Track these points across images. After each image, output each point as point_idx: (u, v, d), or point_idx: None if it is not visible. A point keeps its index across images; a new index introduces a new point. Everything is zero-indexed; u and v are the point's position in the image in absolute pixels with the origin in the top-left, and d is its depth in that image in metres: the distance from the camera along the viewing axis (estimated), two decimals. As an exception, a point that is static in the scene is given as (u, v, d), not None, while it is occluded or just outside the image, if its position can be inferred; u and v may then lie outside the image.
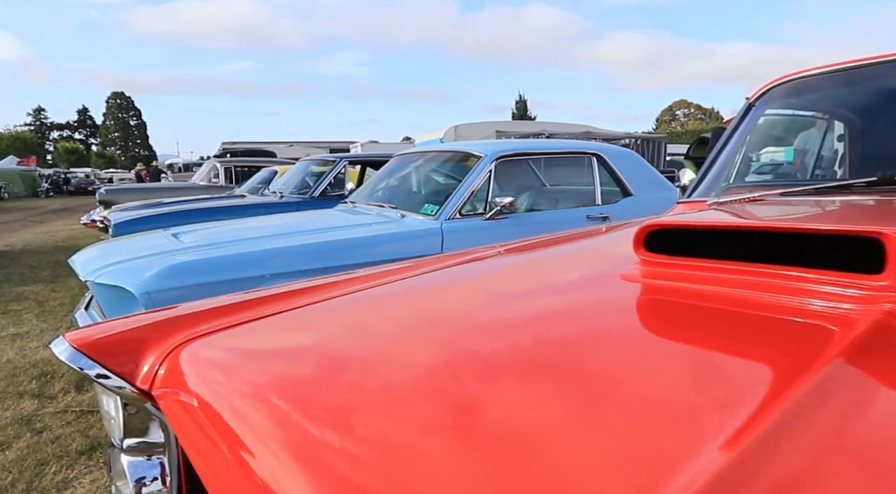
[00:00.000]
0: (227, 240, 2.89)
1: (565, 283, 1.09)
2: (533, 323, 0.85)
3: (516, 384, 0.64)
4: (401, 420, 0.60)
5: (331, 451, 0.56)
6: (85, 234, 10.71)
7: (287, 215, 3.96)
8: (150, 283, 2.39)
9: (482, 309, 0.95)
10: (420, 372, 0.71)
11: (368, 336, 0.88)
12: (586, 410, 0.57)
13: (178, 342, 0.90)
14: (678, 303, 0.86)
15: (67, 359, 0.90)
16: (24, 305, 5.03)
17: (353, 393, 0.68)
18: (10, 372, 3.33)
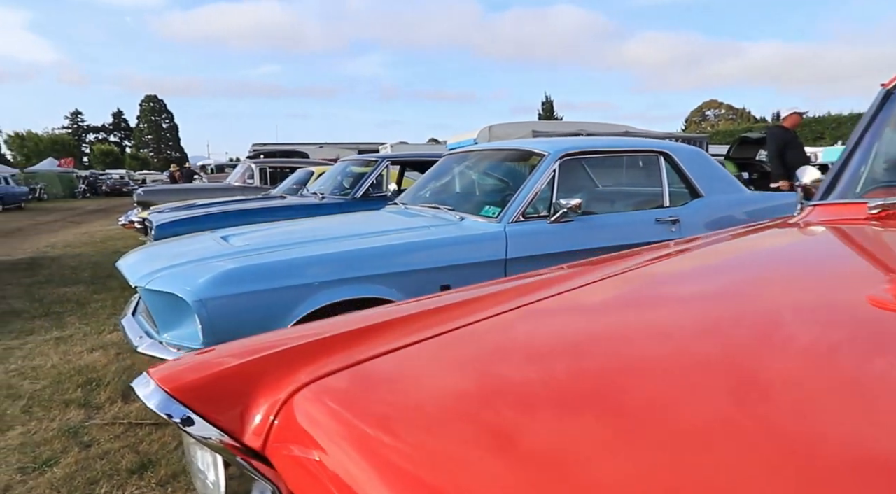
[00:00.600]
0: (280, 244, 2.72)
1: (806, 309, 0.82)
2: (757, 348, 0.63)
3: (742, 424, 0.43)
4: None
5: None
6: (122, 235, 10.78)
7: (337, 217, 3.79)
8: (204, 290, 2.23)
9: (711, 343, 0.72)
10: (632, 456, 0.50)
11: (543, 376, 0.67)
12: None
13: (297, 384, 0.70)
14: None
15: (157, 407, 0.70)
16: (66, 307, 4.97)
17: (533, 463, 0.48)
18: (56, 378, 3.22)
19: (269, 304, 2.32)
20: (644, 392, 0.59)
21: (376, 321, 0.89)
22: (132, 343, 2.46)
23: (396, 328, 0.84)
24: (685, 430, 0.50)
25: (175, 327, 2.40)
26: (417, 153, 6.13)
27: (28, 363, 3.50)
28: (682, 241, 1.43)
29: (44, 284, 6.08)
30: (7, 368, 3.41)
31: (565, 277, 1.10)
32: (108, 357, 3.58)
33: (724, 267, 1.15)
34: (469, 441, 0.53)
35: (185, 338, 2.34)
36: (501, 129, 13.12)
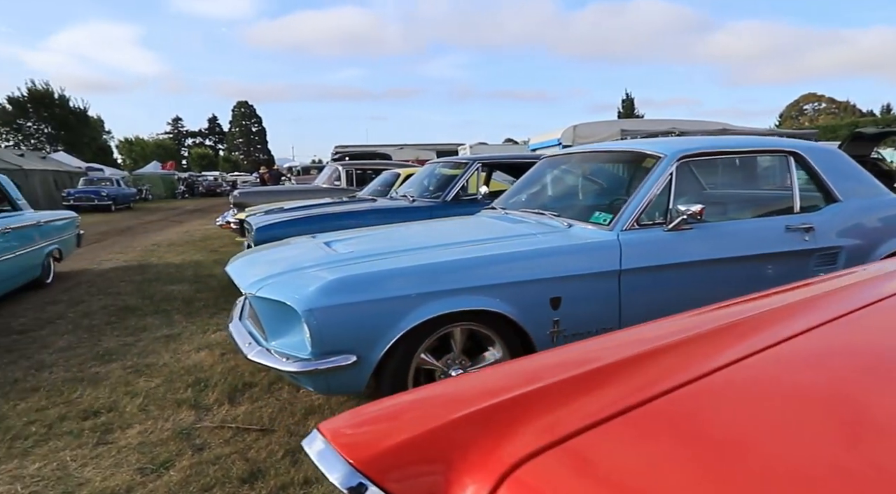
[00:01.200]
0: (386, 251, 2.66)
1: None
2: None
3: None
4: None
5: None
6: (219, 234, 11.36)
7: (436, 223, 3.71)
8: (314, 300, 2.19)
9: None
10: None
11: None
12: None
13: (506, 463, 0.56)
14: None
15: (342, 482, 0.59)
16: (173, 305, 5.23)
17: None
18: (167, 377, 3.34)
19: (376, 315, 2.25)
20: None
21: (571, 372, 0.74)
22: (241, 350, 2.48)
23: (605, 381, 0.69)
24: None
25: (283, 335, 2.38)
26: (507, 154, 5.96)
27: (142, 360, 3.67)
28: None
29: (152, 282, 6.45)
30: (125, 364, 3.59)
31: (780, 312, 0.91)
32: (214, 357, 3.69)
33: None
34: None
35: (293, 347, 2.32)
36: (587, 129, 12.70)
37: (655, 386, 0.65)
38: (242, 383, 3.20)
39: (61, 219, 6.83)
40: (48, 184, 22.89)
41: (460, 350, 2.47)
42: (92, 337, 4.26)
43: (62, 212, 7.19)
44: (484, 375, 0.79)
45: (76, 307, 5.28)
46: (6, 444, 2.53)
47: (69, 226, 7.06)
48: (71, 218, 7.17)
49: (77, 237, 7.35)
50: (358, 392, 2.40)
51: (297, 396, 3.02)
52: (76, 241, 7.35)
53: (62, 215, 6.99)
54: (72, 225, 7.15)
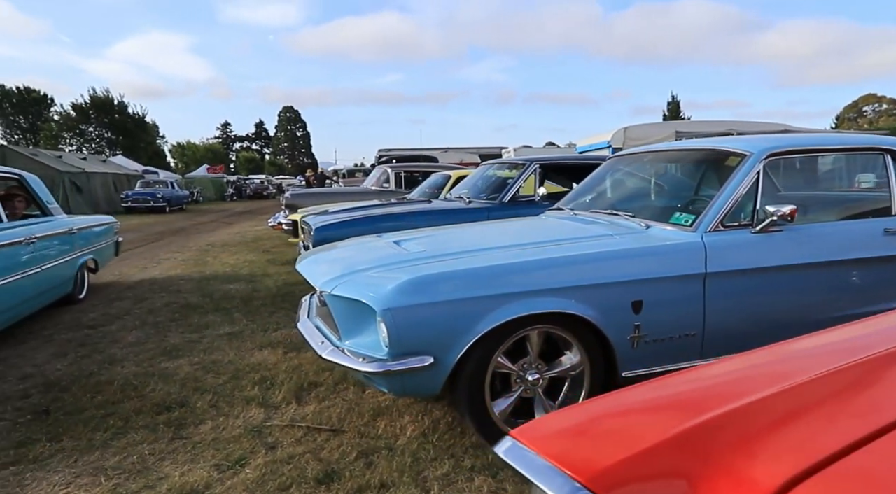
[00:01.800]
0: (459, 251, 2.60)
1: None
2: None
3: None
4: None
5: None
6: (270, 235, 11.58)
7: (503, 222, 3.63)
8: (393, 299, 2.14)
9: None
10: None
11: None
12: None
13: (783, 477, 0.47)
14: None
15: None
16: (232, 303, 5.31)
17: None
18: (234, 374, 3.37)
19: (454, 316, 2.19)
20: None
21: (818, 371, 0.63)
22: (314, 349, 2.45)
23: (871, 380, 0.59)
24: None
25: (358, 335, 2.35)
26: (564, 156, 5.83)
27: (208, 357, 3.72)
28: None
29: (211, 280, 6.59)
30: (192, 361, 3.64)
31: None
32: (277, 355, 3.70)
33: None
34: None
35: (368, 347, 2.28)
36: (638, 131, 12.40)
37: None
38: (308, 382, 3.19)
39: (98, 224, 6.05)
40: (108, 186, 23.90)
41: (537, 353, 2.38)
42: (158, 333, 4.35)
43: (99, 216, 6.50)
44: (703, 374, 0.71)
45: (141, 304, 5.42)
46: (87, 435, 2.57)
47: (106, 233, 6.24)
48: (108, 223, 6.35)
49: (115, 245, 6.59)
50: (432, 394, 2.34)
51: (362, 396, 2.99)
52: (115, 250, 6.60)
53: (98, 220, 6.20)
54: (109, 231, 6.35)
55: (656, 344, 2.48)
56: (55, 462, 2.36)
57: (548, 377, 2.42)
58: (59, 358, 3.77)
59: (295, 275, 6.85)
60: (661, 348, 2.49)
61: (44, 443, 2.51)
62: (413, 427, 2.59)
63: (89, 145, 42.37)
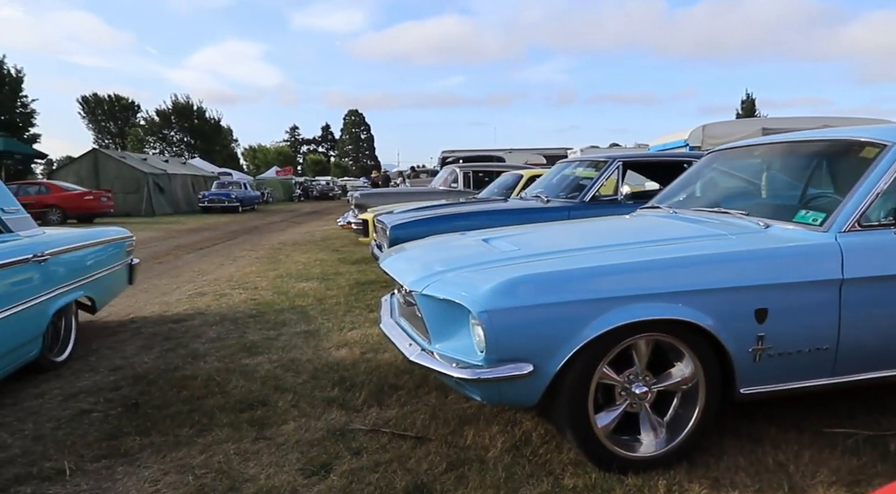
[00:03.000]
0: (556, 249, 2.41)
1: None
2: None
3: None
4: None
5: None
6: (339, 235, 11.73)
7: (596, 221, 3.40)
8: (491, 300, 1.98)
9: None
10: None
11: None
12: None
13: None
14: None
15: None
16: (307, 301, 5.32)
17: None
18: (313, 373, 3.31)
19: (558, 320, 2.00)
20: None
21: None
22: (402, 351, 2.33)
23: None
24: None
25: (449, 337, 2.20)
26: (648, 153, 5.49)
27: (286, 355, 3.69)
28: None
29: (285, 278, 6.67)
30: (271, 359, 3.62)
31: None
32: (354, 355, 3.63)
33: None
34: None
35: (461, 352, 2.13)
36: (719, 129, 11.73)
37: None
38: (388, 384, 3.08)
39: (95, 242, 3.94)
40: (187, 186, 25.14)
41: (645, 364, 2.16)
42: (237, 329, 4.39)
43: (103, 229, 4.41)
44: None
45: (220, 300, 5.53)
46: (173, 432, 2.56)
47: (112, 255, 4.19)
48: (116, 239, 4.32)
49: (129, 269, 4.54)
50: (529, 406, 2.16)
51: (445, 402, 2.85)
52: (128, 276, 4.55)
53: (98, 236, 4.08)
54: (118, 251, 4.32)
55: (781, 359, 2.19)
56: (144, 457, 2.34)
57: (656, 390, 2.19)
58: (146, 352, 3.84)
59: (366, 274, 6.86)
60: (787, 363, 2.20)
61: (133, 437, 2.51)
62: (503, 438, 2.42)
63: (170, 148, 44.85)
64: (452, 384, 2.24)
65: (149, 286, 6.46)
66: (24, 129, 30.59)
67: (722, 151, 3.42)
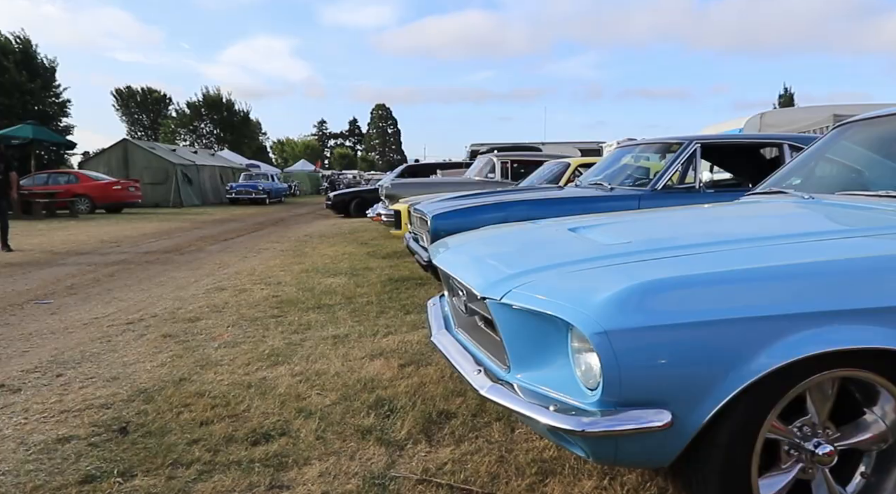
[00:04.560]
0: (682, 245, 1.75)
1: None
2: None
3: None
4: None
5: None
6: (366, 227, 11.19)
7: (698, 209, 2.72)
8: (611, 316, 1.33)
9: None
10: None
11: None
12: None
13: None
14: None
15: None
16: (334, 299, 4.74)
17: None
18: (343, 392, 2.71)
19: (709, 347, 1.34)
20: None
21: None
22: (469, 381, 1.69)
23: None
24: None
25: (539, 364, 1.56)
26: (728, 135, 4.73)
27: (311, 366, 3.10)
28: None
29: (310, 273, 6.12)
30: (293, 370, 3.03)
31: None
32: (392, 368, 3.02)
33: None
34: None
35: (556, 385, 1.49)
36: (779, 116, 10.84)
37: None
38: (436, 411, 2.46)
39: None
40: (215, 178, 24.95)
41: (828, 412, 1.48)
42: (256, 331, 3.83)
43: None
44: None
45: (239, 295, 4.99)
46: (166, 472, 1.98)
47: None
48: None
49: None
50: (657, 467, 1.51)
51: (513, 439, 2.21)
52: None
53: None
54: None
55: None
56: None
57: (840, 449, 1.51)
58: (151, 357, 3.30)
59: (399, 270, 6.25)
60: None
61: (112, 479, 1.93)
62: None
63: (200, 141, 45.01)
64: (541, 430, 1.60)
65: (165, 279, 5.97)
66: (57, 120, 30.81)
67: (863, 122, 2.69)
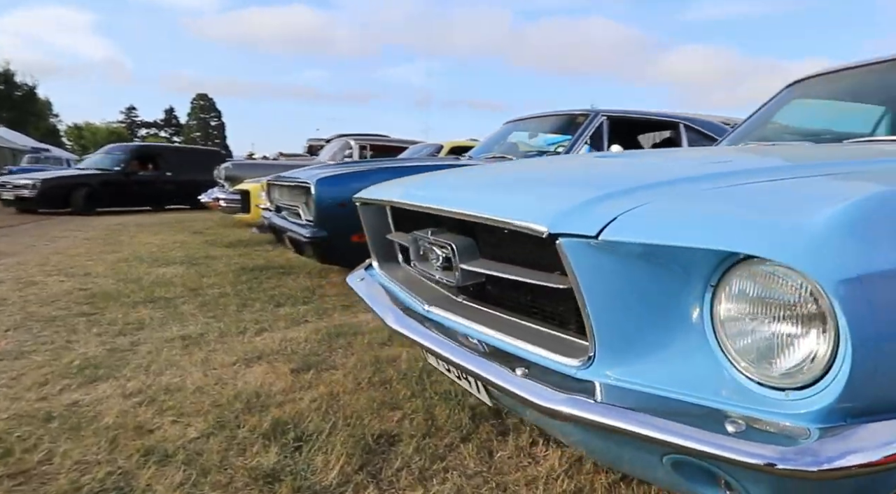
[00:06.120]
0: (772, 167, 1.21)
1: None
2: None
3: None
4: None
5: None
6: (194, 217, 9.60)
7: (699, 151, 2.25)
8: (858, 255, 0.72)
9: None
10: None
11: None
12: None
13: None
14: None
15: None
16: (174, 291, 3.59)
17: None
18: (217, 416, 1.78)
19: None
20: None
21: None
22: (516, 391, 0.97)
23: None
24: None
25: (656, 348, 0.90)
26: (635, 110, 4.54)
27: (155, 380, 2.08)
28: None
29: (132, 262, 4.75)
30: (124, 387, 1.99)
31: None
32: (282, 376, 2.13)
33: None
34: None
35: (699, 380, 0.84)
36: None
37: None
38: (371, 434, 1.67)
39: None
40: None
41: None
42: (56, 335, 2.62)
43: None
44: None
45: (26, 289, 3.57)
46: None
47: None
48: None
49: None
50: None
51: (496, 466, 1.53)
52: None
53: None
54: None
55: None
56: None
57: None
58: None
59: (251, 258, 5.13)
60: None
61: None
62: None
63: (-34, 115, 36.68)
64: (638, 474, 0.94)
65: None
66: None
67: (815, 78, 2.49)
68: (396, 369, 2.22)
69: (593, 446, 1.03)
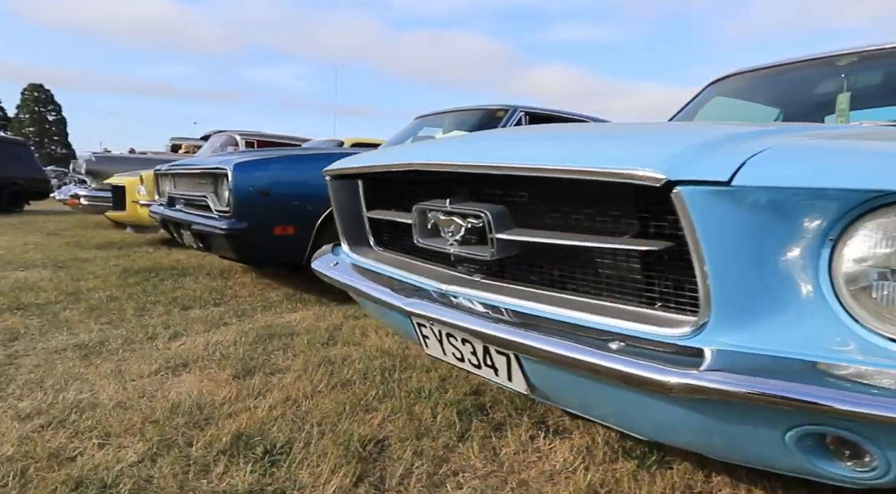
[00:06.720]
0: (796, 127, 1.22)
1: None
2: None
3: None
4: None
5: None
6: (36, 220, 8.35)
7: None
8: None
9: None
10: None
11: None
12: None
13: None
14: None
15: None
16: (45, 297, 2.99)
17: None
18: (155, 434, 1.44)
19: None
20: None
21: None
22: (622, 370, 0.84)
23: None
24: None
25: (773, 308, 0.83)
26: (551, 108, 4.62)
27: (57, 398, 1.66)
28: None
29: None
30: (16, 410, 1.56)
31: None
32: (221, 384, 1.81)
33: None
34: None
35: (824, 347, 0.79)
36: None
37: None
38: (358, 440, 1.45)
39: None
40: None
41: None
42: None
43: None
44: None
45: None
46: None
47: None
48: None
49: None
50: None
51: (504, 462, 1.39)
52: None
53: None
54: None
55: None
56: None
57: None
58: None
59: (133, 261, 4.47)
60: None
61: None
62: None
63: None
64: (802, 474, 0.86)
65: None
66: None
67: (735, 76, 2.68)
68: (353, 369, 2.00)
69: (697, 430, 0.92)
